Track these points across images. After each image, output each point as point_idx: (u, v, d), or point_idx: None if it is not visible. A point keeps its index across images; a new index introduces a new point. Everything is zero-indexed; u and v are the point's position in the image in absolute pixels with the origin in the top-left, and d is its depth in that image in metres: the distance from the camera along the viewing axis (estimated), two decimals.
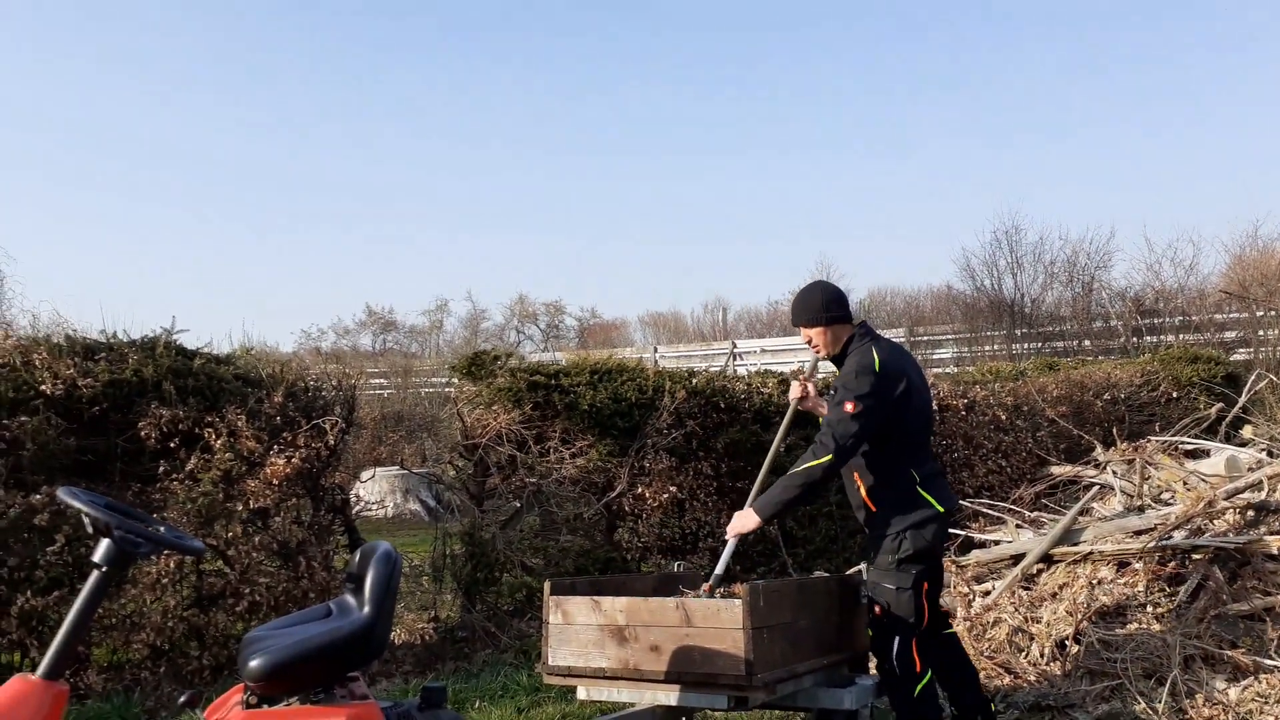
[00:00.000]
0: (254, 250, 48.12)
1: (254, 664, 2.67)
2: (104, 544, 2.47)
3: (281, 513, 5.57)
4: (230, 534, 5.27)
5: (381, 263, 49.30)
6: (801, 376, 4.42)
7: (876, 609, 3.96)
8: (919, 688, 3.88)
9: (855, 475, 4.01)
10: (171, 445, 5.35)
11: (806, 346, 4.26)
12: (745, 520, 4.04)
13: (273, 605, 5.24)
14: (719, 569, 4.13)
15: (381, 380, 17.14)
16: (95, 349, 5.58)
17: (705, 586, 4.07)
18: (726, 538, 4.13)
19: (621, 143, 52.96)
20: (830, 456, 3.84)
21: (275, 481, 5.41)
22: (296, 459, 5.48)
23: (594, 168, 52.35)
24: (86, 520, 2.48)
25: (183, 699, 2.80)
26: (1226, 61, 42.88)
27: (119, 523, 2.47)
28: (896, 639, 3.89)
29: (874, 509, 3.97)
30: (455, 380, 8.11)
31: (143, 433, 5.24)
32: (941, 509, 3.89)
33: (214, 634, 5.20)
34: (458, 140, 52.74)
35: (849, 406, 3.83)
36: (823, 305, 4.06)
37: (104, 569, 2.47)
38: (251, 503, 5.39)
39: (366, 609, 2.81)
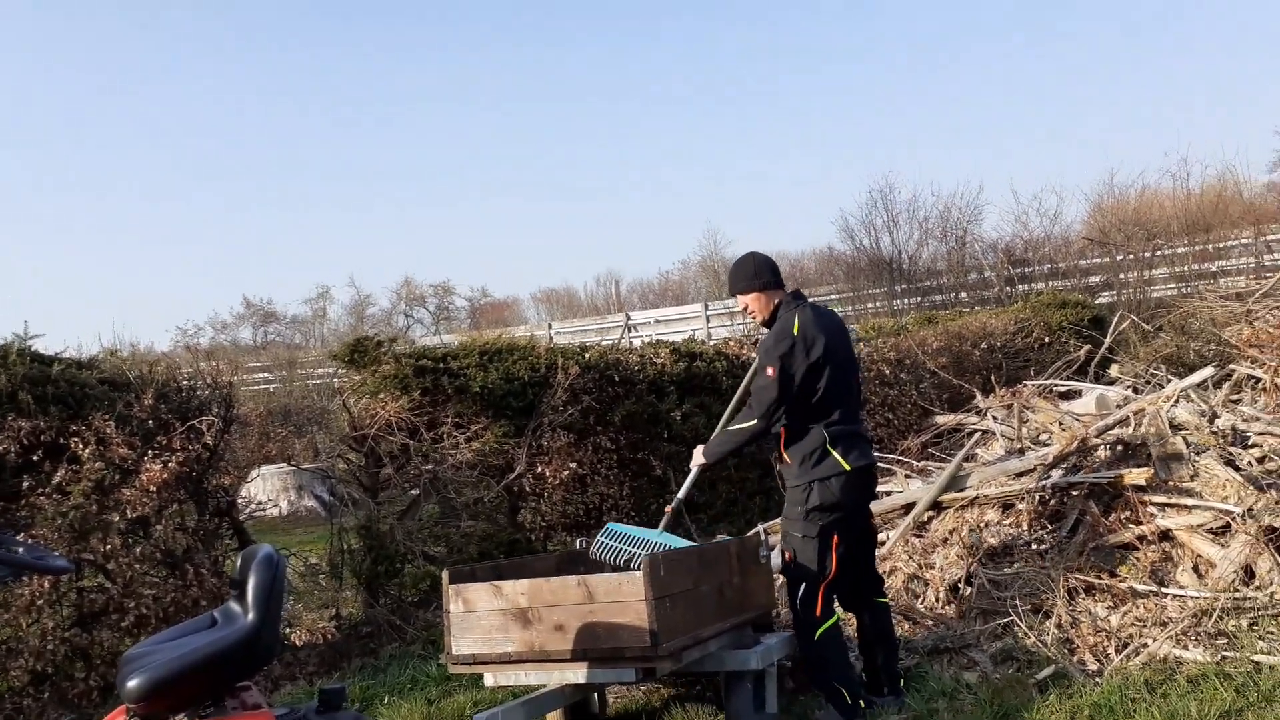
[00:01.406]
0: (119, 248, 45.81)
1: (133, 684, 2.53)
2: None
3: (163, 520, 5.31)
4: (108, 547, 4.98)
5: (257, 252, 47.59)
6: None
7: (787, 555, 4.17)
8: (819, 631, 4.06)
9: (780, 428, 4.24)
10: (35, 458, 5.02)
11: (699, 314, 4.38)
12: (697, 456, 4.44)
13: (162, 617, 4.98)
14: (681, 494, 4.62)
15: (266, 374, 16.57)
16: None
17: (668, 510, 4.57)
18: (691, 466, 4.51)
19: (505, 118, 52.24)
20: (755, 421, 4.16)
21: (153, 488, 5.14)
22: (174, 463, 5.22)
23: (478, 142, 51.55)
24: None
25: None
26: (1077, 14, 44.84)
27: None
28: (803, 585, 4.08)
29: (788, 462, 4.20)
30: (340, 370, 7.87)
31: (0, 447, 4.91)
32: (848, 467, 4.08)
33: (100, 653, 4.93)
34: (332, 117, 51.10)
35: (769, 372, 4.11)
36: (753, 273, 4.35)
37: None
38: (129, 512, 5.10)
39: (251, 615, 2.70)
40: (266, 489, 10.40)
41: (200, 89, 49.25)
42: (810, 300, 4.42)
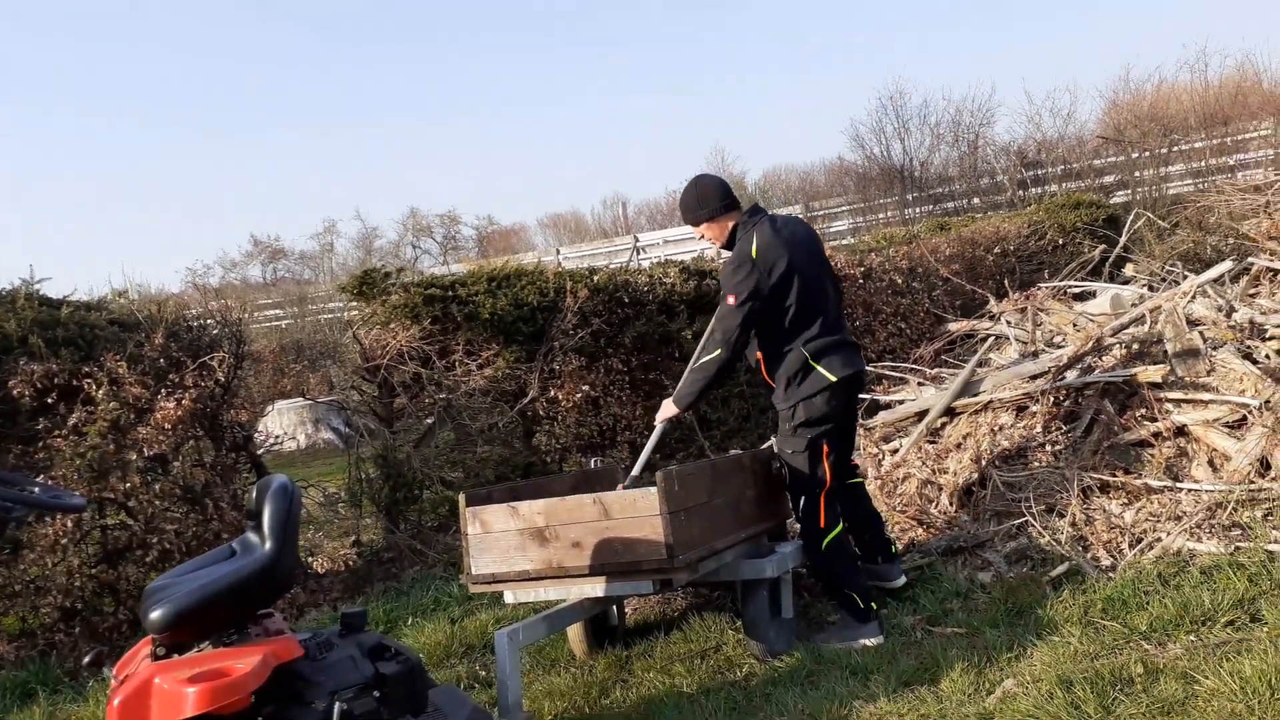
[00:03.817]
0: (124, 189, 45.59)
1: (155, 615, 2.57)
2: None
3: (181, 457, 5.38)
4: (128, 485, 5.06)
5: (263, 189, 47.30)
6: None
7: (784, 472, 4.20)
8: (826, 541, 4.10)
9: (758, 354, 4.18)
10: (49, 401, 5.07)
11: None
12: (666, 409, 4.24)
13: (185, 551, 5.09)
14: (641, 459, 4.31)
15: (277, 311, 16.60)
16: None
17: (621, 487, 4.15)
18: (656, 422, 4.31)
19: (504, 41, 51.18)
20: (719, 351, 4.02)
21: (168, 426, 5.19)
22: (187, 400, 5.25)
23: (478, 69, 50.64)
24: None
25: (86, 659, 2.70)
26: None
27: None
28: (803, 498, 4.12)
29: (772, 384, 4.15)
30: (350, 302, 7.86)
31: (14, 391, 4.94)
32: (834, 378, 4.01)
33: (126, 587, 5.05)
34: (329, 45, 50.19)
35: (730, 300, 3.98)
36: (697, 202, 4.17)
37: None
38: (146, 450, 5.16)
39: (268, 544, 2.73)
40: (283, 423, 10.50)
41: (195, 19, 48.40)
42: (771, 213, 4.22)
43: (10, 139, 45.26)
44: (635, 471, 4.31)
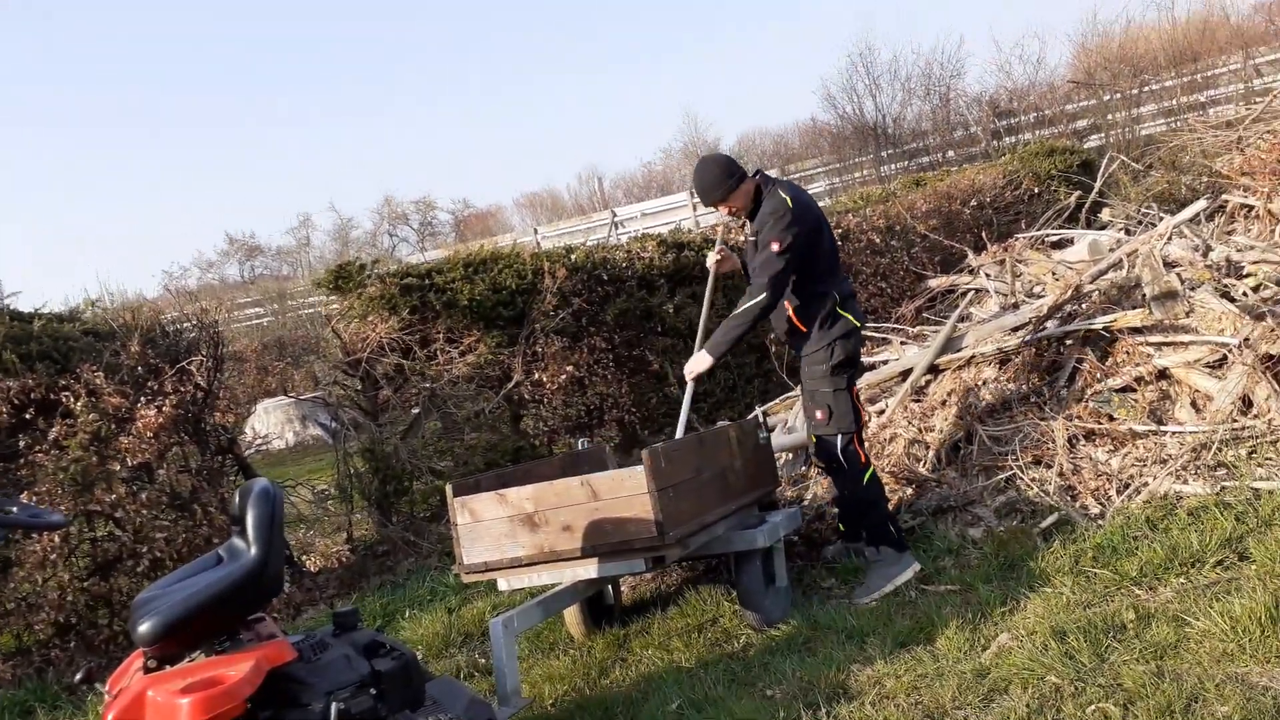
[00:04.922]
0: (99, 198, 45.04)
1: (144, 628, 2.55)
2: None
3: (166, 464, 5.34)
4: (113, 496, 5.02)
5: (235, 186, 46.81)
6: (718, 247, 4.67)
7: (819, 414, 4.26)
8: (867, 476, 4.25)
9: (785, 302, 4.29)
10: (27, 416, 5.02)
11: (686, 203, 4.35)
12: (699, 362, 4.31)
13: (176, 558, 5.06)
14: (682, 419, 4.37)
15: (258, 309, 16.49)
16: None
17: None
18: (687, 379, 4.38)
19: (468, 22, 50.59)
20: (765, 295, 4.16)
21: (150, 434, 5.14)
22: (168, 406, 5.21)
23: (444, 48, 50.07)
24: None
25: (77, 676, 2.68)
26: None
27: None
28: (840, 436, 4.22)
29: (803, 329, 4.27)
30: (327, 297, 7.80)
31: None
32: (858, 324, 4.30)
33: (120, 599, 5.02)
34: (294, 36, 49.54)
35: (775, 246, 4.14)
36: (722, 176, 4.32)
37: None
38: (130, 460, 5.12)
39: (253, 549, 2.70)
40: (270, 423, 10.47)
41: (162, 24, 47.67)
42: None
43: None
44: (679, 434, 4.31)
